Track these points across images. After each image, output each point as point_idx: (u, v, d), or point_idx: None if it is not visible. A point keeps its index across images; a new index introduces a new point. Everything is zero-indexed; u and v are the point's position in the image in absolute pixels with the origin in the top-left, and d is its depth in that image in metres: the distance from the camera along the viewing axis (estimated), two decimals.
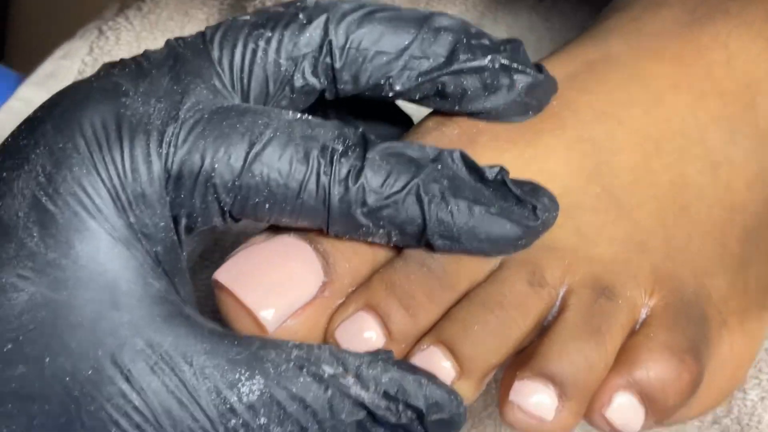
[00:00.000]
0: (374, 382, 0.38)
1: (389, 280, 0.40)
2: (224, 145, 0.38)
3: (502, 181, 0.39)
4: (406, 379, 0.38)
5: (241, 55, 0.40)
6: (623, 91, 0.44)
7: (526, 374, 0.39)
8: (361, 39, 0.40)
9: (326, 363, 0.37)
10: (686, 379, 0.40)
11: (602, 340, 0.40)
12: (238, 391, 0.37)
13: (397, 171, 0.39)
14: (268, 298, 0.39)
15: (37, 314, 0.36)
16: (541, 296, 0.40)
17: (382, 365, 0.38)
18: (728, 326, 0.43)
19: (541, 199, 0.40)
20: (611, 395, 0.39)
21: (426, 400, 0.38)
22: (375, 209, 0.39)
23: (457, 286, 0.40)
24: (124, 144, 0.37)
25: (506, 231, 0.39)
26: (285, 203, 0.38)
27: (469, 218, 0.39)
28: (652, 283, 0.41)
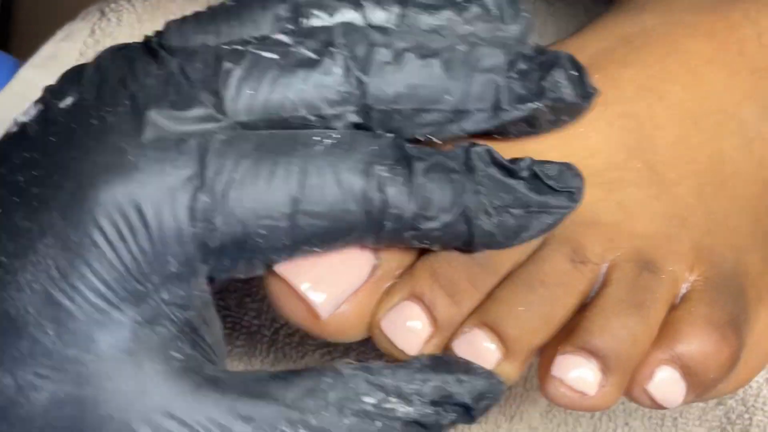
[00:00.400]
0: (418, 396, 0.37)
1: (432, 268, 0.40)
2: (264, 207, 0.36)
3: (534, 174, 0.39)
4: (448, 382, 0.37)
5: (263, 103, 0.37)
6: (661, 66, 0.44)
7: (569, 348, 0.39)
8: (397, 93, 0.38)
9: (365, 395, 0.36)
10: (726, 353, 0.40)
11: (646, 314, 0.39)
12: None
13: (441, 191, 0.37)
14: (320, 283, 0.38)
15: (63, 411, 0.35)
16: (584, 273, 0.40)
17: (421, 376, 0.37)
18: (764, 302, 0.43)
19: (573, 181, 0.39)
20: (653, 369, 0.39)
21: (471, 394, 0.37)
22: (424, 233, 0.38)
23: (501, 269, 0.40)
24: (151, 229, 0.35)
25: (546, 225, 0.39)
26: (336, 241, 0.37)
27: (513, 223, 0.38)
28: (693, 258, 0.41)
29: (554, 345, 0.39)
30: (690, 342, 0.39)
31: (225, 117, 0.36)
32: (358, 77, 0.37)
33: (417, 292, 0.39)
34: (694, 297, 0.41)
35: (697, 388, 0.40)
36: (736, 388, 0.43)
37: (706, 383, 0.40)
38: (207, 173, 0.36)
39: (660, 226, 0.41)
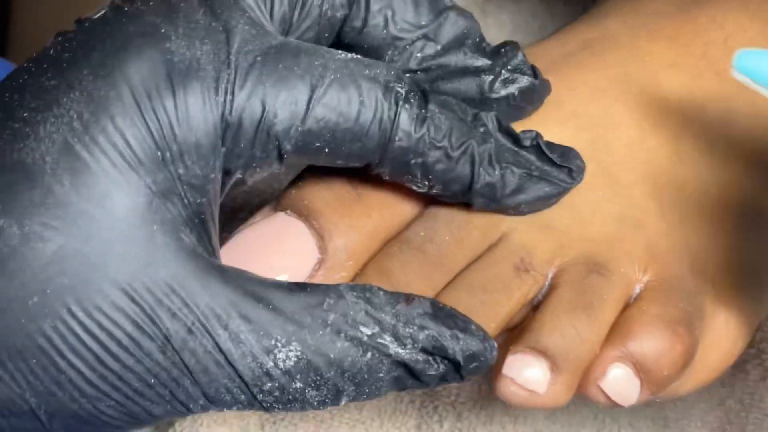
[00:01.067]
0: (412, 340, 0.37)
1: (385, 267, 0.41)
2: (285, 90, 0.37)
3: (538, 146, 0.40)
4: (443, 334, 0.38)
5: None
6: (620, 69, 0.45)
7: (519, 348, 0.39)
8: (387, 3, 0.40)
9: (363, 324, 0.37)
10: (679, 349, 0.40)
11: (594, 315, 0.40)
12: (274, 357, 0.36)
13: (454, 127, 0.39)
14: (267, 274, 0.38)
15: (67, 266, 0.35)
16: (525, 281, 0.41)
17: (419, 322, 0.37)
18: (723, 302, 0.43)
19: (575, 162, 0.41)
20: (606, 367, 0.40)
21: (463, 352, 0.38)
22: (431, 162, 0.39)
23: (454, 268, 0.41)
24: (177, 93, 0.36)
25: (544, 192, 0.41)
26: (345, 146, 0.38)
27: (513, 181, 0.40)
28: (647, 260, 0.42)
29: (507, 345, 0.40)
30: (642, 339, 0.40)
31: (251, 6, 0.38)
32: None
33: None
34: (647, 296, 0.41)
35: (651, 385, 0.40)
36: (695, 388, 0.43)
37: (660, 380, 0.40)
38: (232, 51, 0.37)
39: (612, 228, 0.42)
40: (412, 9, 0.40)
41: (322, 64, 0.38)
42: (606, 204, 0.42)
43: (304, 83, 0.37)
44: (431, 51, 0.41)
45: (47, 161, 0.35)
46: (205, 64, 0.36)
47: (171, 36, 0.36)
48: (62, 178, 0.35)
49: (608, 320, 0.40)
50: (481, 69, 0.41)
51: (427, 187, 0.40)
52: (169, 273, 0.36)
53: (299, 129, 0.37)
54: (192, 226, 0.37)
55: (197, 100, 0.36)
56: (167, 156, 0.36)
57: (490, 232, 0.42)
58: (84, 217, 0.35)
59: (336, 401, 0.37)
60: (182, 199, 0.36)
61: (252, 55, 0.37)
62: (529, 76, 0.42)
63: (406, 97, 0.38)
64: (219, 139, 0.37)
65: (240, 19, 0.37)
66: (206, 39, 0.37)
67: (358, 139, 0.38)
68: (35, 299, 0.35)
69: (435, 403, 0.50)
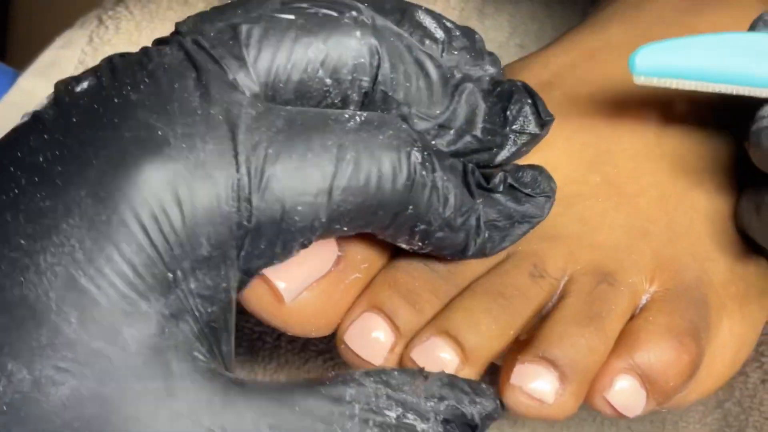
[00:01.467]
0: (434, 414, 0.37)
1: (393, 279, 0.40)
2: (302, 184, 0.35)
3: (511, 186, 0.39)
4: (462, 401, 0.37)
5: (285, 61, 0.35)
6: (624, 80, 0.44)
7: (528, 358, 0.39)
8: (403, 95, 0.37)
9: (388, 409, 0.36)
10: (686, 360, 0.40)
11: (602, 325, 0.40)
12: None
13: (457, 198, 0.38)
14: (284, 268, 0.38)
15: (84, 411, 0.32)
16: (542, 286, 0.41)
17: (439, 394, 0.37)
18: (728, 310, 0.43)
19: (547, 186, 0.40)
20: (612, 378, 0.40)
21: (480, 415, 0.37)
22: (432, 231, 0.38)
23: (461, 282, 0.41)
24: (185, 208, 0.33)
25: (525, 232, 0.40)
26: (364, 221, 0.37)
27: (498, 236, 0.39)
28: (653, 269, 0.41)
29: (515, 355, 0.40)
30: (648, 350, 0.40)
31: (250, 83, 0.35)
32: (374, 45, 0.36)
33: (377, 302, 0.40)
34: (654, 307, 0.41)
35: (657, 396, 0.40)
36: (702, 396, 0.43)
37: (666, 391, 0.40)
38: (240, 148, 0.34)
39: (620, 238, 0.42)
40: (427, 99, 0.38)
41: (335, 144, 0.35)
42: (613, 214, 0.42)
43: (320, 172, 0.35)
44: (447, 138, 0.39)
45: (51, 297, 0.32)
46: (212, 169, 0.33)
47: (169, 139, 0.33)
48: (69, 316, 0.32)
49: (616, 330, 0.40)
50: (494, 145, 0.40)
51: (418, 247, 0.39)
52: (190, 402, 0.33)
53: (322, 220, 0.35)
54: (203, 339, 0.34)
55: (206, 212, 0.33)
56: (178, 275, 0.34)
57: None
58: (96, 356, 0.32)
59: None
60: (193, 314, 0.34)
61: (262, 149, 0.34)
62: (535, 129, 0.40)
63: (422, 162, 0.37)
64: (233, 249, 0.34)
65: (240, 100, 0.34)
66: (207, 136, 0.33)
67: (375, 212, 0.36)
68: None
69: None
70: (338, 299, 0.40)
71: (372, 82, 0.37)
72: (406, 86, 0.37)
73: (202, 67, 0.34)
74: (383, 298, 0.40)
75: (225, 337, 0.36)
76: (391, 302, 0.40)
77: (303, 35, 0.35)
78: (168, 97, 0.34)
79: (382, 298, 0.40)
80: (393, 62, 0.37)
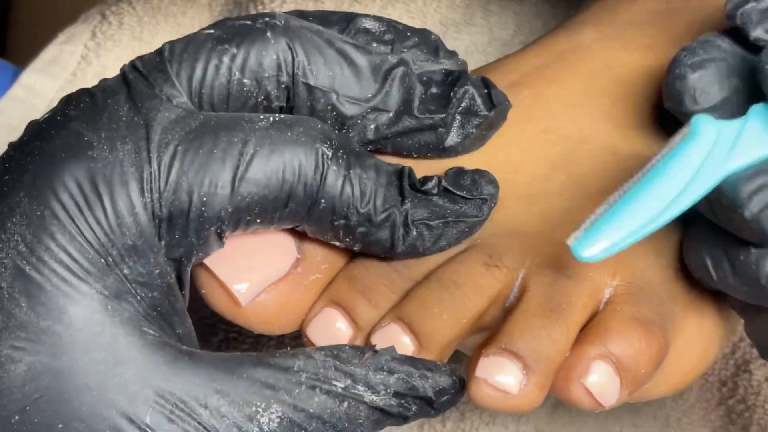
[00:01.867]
0: (384, 386, 0.38)
1: (351, 275, 0.41)
2: (208, 176, 0.38)
3: (445, 189, 0.41)
4: (413, 376, 0.39)
5: (202, 70, 0.39)
6: (592, 81, 0.45)
7: (491, 350, 0.40)
8: (326, 81, 0.40)
9: (335, 379, 0.38)
10: (655, 347, 0.40)
11: (563, 316, 0.40)
12: (258, 423, 0.37)
13: (378, 193, 0.39)
14: (241, 272, 0.40)
15: (40, 382, 0.36)
16: (496, 277, 0.41)
17: (387, 367, 0.38)
18: (697, 307, 0.43)
19: (486, 189, 0.41)
20: (588, 364, 0.40)
21: (433, 389, 0.39)
22: (353, 226, 0.39)
23: (416, 275, 0.42)
24: (104, 201, 0.37)
25: (462, 232, 0.41)
26: (275, 212, 0.39)
27: (432, 235, 0.40)
28: (614, 265, 0.42)
29: (480, 349, 0.40)
30: (620, 338, 0.40)
31: (176, 93, 0.39)
32: (287, 42, 0.39)
33: (336, 298, 0.41)
34: (619, 299, 0.41)
35: (629, 383, 0.40)
36: (669, 392, 0.43)
37: (638, 378, 0.40)
38: (152, 147, 0.37)
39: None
40: (356, 84, 0.40)
41: (241, 140, 0.38)
42: (575, 212, 0.42)
43: (225, 165, 0.38)
44: (384, 120, 0.41)
45: (3, 287, 0.36)
46: (128, 166, 0.37)
47: (93, 143, 0.37)
48: (19, 301, 0.36)
49: (578, 322, 0.41)
50: (436, 125, 0.41)
51: (347, 245, 0.40)
52: (138, 369, 0.36)
53: (228, 210, 0.38)
54: (151, 320, 0.38)
55: (125, 204, 0.37)
56: (110, 260, 0.37)
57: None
58: (46, 334, 0.36)
59: None
60: (135, 296, 0.37)
61: (172, 146, 0.37)
62: (483, 111, 0.42)
63: (333, 156, 0.39)
64: (155, 237, 0.37)
65: (160, 106, 0.38)
66: (127, 138, 0.37)
67: (285, 204, 0.38)
68: (17, 417, 0.36)
69: None
70: (298, 299, 0.41)
71: (291, 76, 0.39)
72: (329, 75, 0.40)
73: (132, 84, 0.38)
74: (342, 294, 0.41)
75: (176, 321, 0.38)
76: (349, 297, 0.41)
77: (218, 44, 0.39)
78: (100, 110, 0.38)
79: (341, 294, 0.41)
80: (310, 55, 0.40)
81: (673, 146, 0.39)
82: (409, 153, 0.42)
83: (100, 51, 0.57)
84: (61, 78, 0.57)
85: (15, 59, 0.64)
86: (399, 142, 0.41)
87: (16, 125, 0.56)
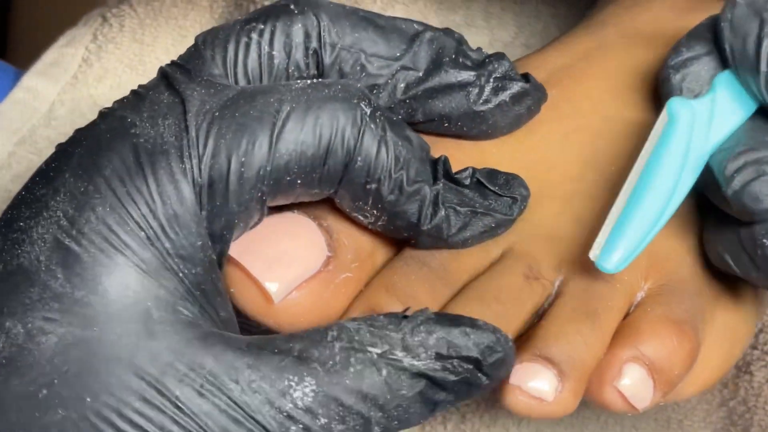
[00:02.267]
0: (423, 348, 0.37)
1: (389, 281, 0.41)
2: (245, 137, 0.37)
3: (478, 182, 0.40)
4: (452, 333, 0.37)
5: (234, 50, 0.40)
6: (619, 79, 0.45)
7: (526, 357, 0.39)
8: (353, 42, 0.40)
9: (370, 345, 0.36)
10: (687, 348, 0.40)
11: (598, 322, 0.40)
12: (292, 398, 0.36)
13: (412, 162, 0.39)
14: (274, 269, 0.39)
15: (70, 355, 0.36)
16: (535, 289, 0.41)
17: (425, 328, 0.37)
18: (722, 303, 0.43)
19: (518, 190, 0.41)
20: (621, 368, 0.40)
21: (478, 347, 0.37)
22: (383, 193, 0.39)
23: (457, 282, 0.41)
24: (146, 172, 0.37)
25: (489, 226, 0.41)
26: (315, 172, 0.38)
27: (458, 221, 0.40)
28: (648, 267, 0.42)
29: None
30: (652, 339, 0.40)
31: (209, 75, 0.39)
32: (313, 14, 0.40)
33: (375, 306, 0.40)
34: (650, 300, 0.41)
35: (662, 385, 0.40)
36: (699, 390, 0.43)
37: (672, 379, 0.40)
38: (190, 117, 0.38)
39: None
40: (384, 43, 0.40)
41: (277, 99, 0.38)
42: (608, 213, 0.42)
43: (262, 124, 0.38)
44: (413, 78, 0.41)
45: (41, 260, 0.36)
46: (168, 137, 0.37)
47: (136, 123, 0.38)
48: (56, 273, 0.36)
49: (612, 327, 0.41)
50: (467, 82, 0.41)
51: (374, 218, 0.40)
52: (170, 342, 0.36)
53: (268, 170, 0.37)
54: (193, 299, 0.37)
55: (165, 172, 0.37)
56: (151, 233, 0.37)
57: (491, 247, 0.42)
58: (80, 305, 0.36)
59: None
60: (176, 274, 0.37)
61: (210, 114, 0.38)
62: (518, 78, 0.42)
63: (371, 115, 0.38)
64: (196, 205, 0.37)
65: (197, 86, 0.38)
66: (168, 114, 0.38)
67: (323, 161, 0.38)
68: (44, 392, 0.35)
69: None
70: (329, 298, 0.40)
71: (318, 40, 0.40)
72: (356, 36, 0.40)
73: (171, 75, 0.39)
74: (380, 302, 0.40)
75: (219, 302, 0.38)
76: (389, 306, 0.40)
77: (246, 24, 0.40)
78: (143, 98, 0.39)
79: (379, 302, 0.40)
80: (335, 20, 0.40)
81: (657, 135, 0.39)
82: (441, 121, 0.42)
83: (102, 53, 0.57)
84: (62, 81, 0.57)
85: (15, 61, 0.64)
86: (430, 104, 0.41)
87: (17, 128, 0.56)
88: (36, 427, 0.35)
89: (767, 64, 0.38)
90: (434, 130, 0.42)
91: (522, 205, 0.41)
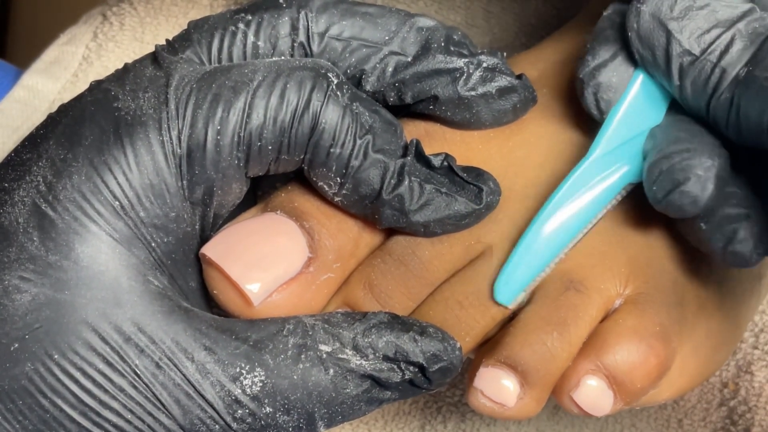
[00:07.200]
0: (372, 350, 0.38)
1: (368, 278, 0.41)
2: (221, 105, 0.38)
3: (449, 167, 0.40)
4: (402, 338, 0.39)
5: (220, 37, 0.41)
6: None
7: (491, 362, 0.40)
8: (341, 30, 0.41)
9: (322, 342, 0.38)
10: (653, 363, 0.40)
11: (567, 331, 0.40)
12: (241, 384, 0.38)
13: (378, 130, 0.40)
14: (253, 271, 0.40)
15: (41, 313, 0.37)
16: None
17: (376, 331, 0.38)
18: (706, 311, 0.43)
19: (487, 183, 0.41)
20: (579, 378, 0.40)
21: (424, 354, 0.39)
22: (347, 157, 0.39)
23: (435, 280, 0.41)
24: (125, 143, 0.38)
25: (452, 210, 0.40)
26: (284, 138, 0.39)
27: (421, 195, 0.40)
28: (627, 274, 0.42)
29: (480, 357, 0.41)
30: (615, 352, 0.40)
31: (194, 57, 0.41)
32: (299, 7, 0.41)
33: (351, 301, 0.41)
34: (624, 309, 0.41)
35: (624, 396, 0.40)
36: (674, 396, 0.43)
37: (634, 392, 0.40)
38: (170, 90, 0.39)
39: (595, 244, 0.42)
40: (372, 29, 0.41)
41: (251, 71, 0.39)
42: None
43: (236, 93, 0.39)
44: (402, 63, 0.41)
45: (20, 222, 0.38)
46: (147, 109, 0.39)
47: (119, 95, 0.39)
48: (32, 236, 0.38)
49: (582, 336, 0.41)
50: (455, 69, 0.41)
51: (338, 186, 0.40)
52: (136, 313, 0.38)
53: (241, 135, 0.38)
54: (163, 268, 0.39)
55: (144, 143, 0.38)
56: (126, 203, 0.38)
57: (472, 246, 0.42)
58: (53, 268, 0.38)
59: (311, 426, 0.38)
60: (149, 243, 0.39)
61: (188, 87, 0.39)
62: (509, 76, 0.42)
63: (338, 86, 0.39)
64: (174, 177, 0.38)
65: (181, 62, 0.40)
66: (149, 88, 0.39)
67: (292, 125, 0.39)
68: (16, 345, 0.37)
69: (439, 403, 0.50)
70: (310, 299, 0.41)
71: (306, 31, 0.41)
72: (343, 24, 0.41)
73: (158, 51, 0.40)
74: (357, 299, 0.41)
75: (190, 272, 0.40)
76: (364, 303, 0.41)
77: (235, 14, 0.41)
78: (128, 72, 0.40)
79: (356, 299, 0.41)
80: (322, 11, 0.41)
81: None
82: (428, 102, 0.42)
83: (102, 52, 0.57)
84: (62, 79, 0.57)
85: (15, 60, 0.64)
86: (418, 87, 0.41)
87: (17, 126, 0.56)
88: (7, 377, 0.37)
89: (679, 77, 0.38)
90: (422, 111, 0.42)
91: (490, 198, 0.41)
